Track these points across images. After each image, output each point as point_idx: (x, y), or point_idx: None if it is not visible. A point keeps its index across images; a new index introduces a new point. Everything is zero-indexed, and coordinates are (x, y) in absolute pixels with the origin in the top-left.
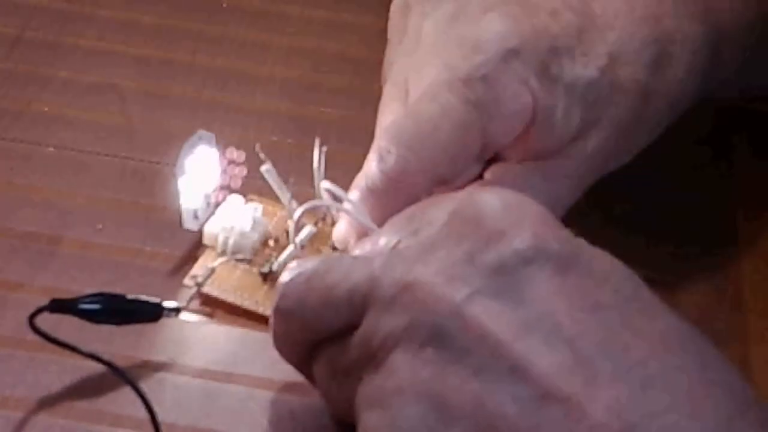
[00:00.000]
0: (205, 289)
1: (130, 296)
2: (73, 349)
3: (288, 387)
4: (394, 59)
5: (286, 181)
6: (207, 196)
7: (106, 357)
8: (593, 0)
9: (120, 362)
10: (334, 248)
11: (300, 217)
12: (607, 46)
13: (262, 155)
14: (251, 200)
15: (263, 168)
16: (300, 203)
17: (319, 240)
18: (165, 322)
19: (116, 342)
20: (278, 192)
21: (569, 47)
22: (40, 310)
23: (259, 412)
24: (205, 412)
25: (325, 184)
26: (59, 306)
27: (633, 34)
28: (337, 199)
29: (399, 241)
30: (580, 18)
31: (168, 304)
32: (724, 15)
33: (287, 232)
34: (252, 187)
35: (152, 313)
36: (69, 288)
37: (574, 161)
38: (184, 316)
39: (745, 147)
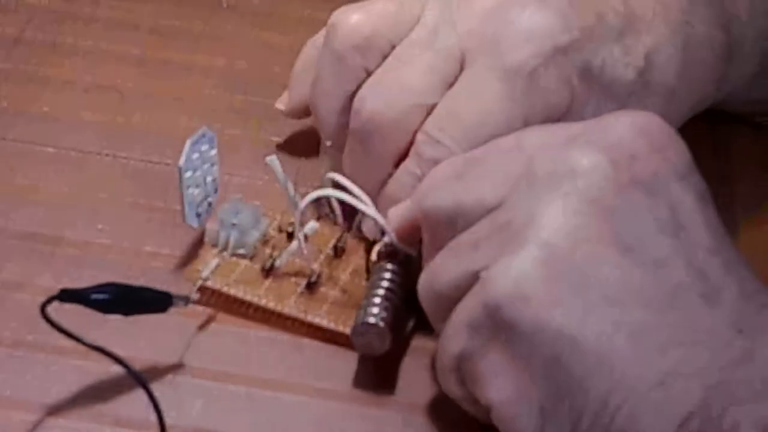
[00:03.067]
0: (208, 283)
1: (139, 285)
2: (81, 341)
3: (288, 387)
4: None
5: (290, 177)
6: (208, 195)
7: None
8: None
9: None
10: (336, 248)
11: (304, 210)
12: (645, 48)
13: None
14: (251, 201)
15: (268, 159)
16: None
17: (321, 237)
18: (167, 322)
19: (117, 342)
20: (282, 182)
21: (611, 49)
22: (50, 300)
23: (260, 412)
24: (205, 412)
25: (332, 175)
26: (69, 295)
27: (668, 37)
28: (342, 190)
29: None
30: (622, 20)
31: (177, 294)
32: (744, 26)
33: (287, 233)
34: (252, 188)
35: (161, 302)
36: (69, 288)
37: None
38: (186, 316)
39: (744, 149)
